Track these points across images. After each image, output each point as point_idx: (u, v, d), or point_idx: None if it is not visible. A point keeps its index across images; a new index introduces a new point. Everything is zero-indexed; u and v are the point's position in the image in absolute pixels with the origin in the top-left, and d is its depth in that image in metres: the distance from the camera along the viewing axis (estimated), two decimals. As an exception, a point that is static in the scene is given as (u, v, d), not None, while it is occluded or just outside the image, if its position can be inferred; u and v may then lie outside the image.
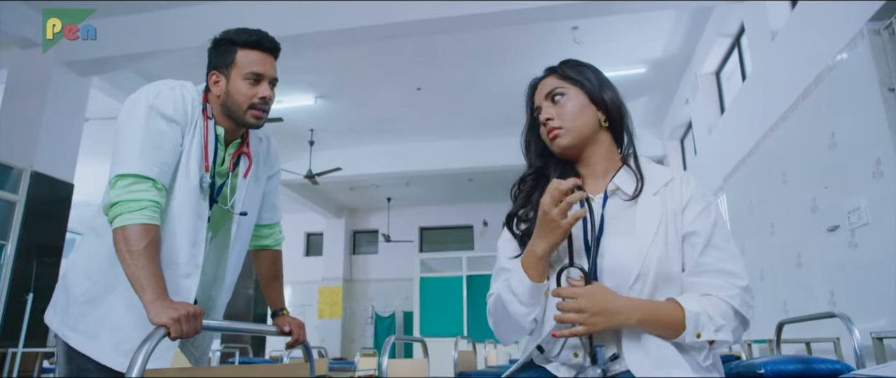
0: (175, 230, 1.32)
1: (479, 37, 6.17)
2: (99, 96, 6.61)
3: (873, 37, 3.07)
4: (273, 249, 1.66)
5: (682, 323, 0.99)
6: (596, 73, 1.21)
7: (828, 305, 3.57)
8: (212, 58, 1.45)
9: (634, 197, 1.12)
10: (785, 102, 4.18)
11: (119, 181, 1.24)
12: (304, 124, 8.46)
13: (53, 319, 1.37)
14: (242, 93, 1.40)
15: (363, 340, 12.21)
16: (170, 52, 5.71)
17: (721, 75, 6.42)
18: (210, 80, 1.43)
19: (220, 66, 1.43)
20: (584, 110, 1.17)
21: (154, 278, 1.17)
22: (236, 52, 1.41)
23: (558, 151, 1.18)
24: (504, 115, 7.79)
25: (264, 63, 1.42)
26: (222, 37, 1.44)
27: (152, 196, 1.24)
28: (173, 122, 1.33)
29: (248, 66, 1.40)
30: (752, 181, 5.03)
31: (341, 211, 12.91)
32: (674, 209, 1.10)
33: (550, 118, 1.16)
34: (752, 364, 2.12)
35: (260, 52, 1.42)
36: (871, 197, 3.10)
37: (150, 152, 1.27)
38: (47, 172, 5.36)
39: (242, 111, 1.41)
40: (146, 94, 1.34)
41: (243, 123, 1.44)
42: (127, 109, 1.33)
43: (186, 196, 1.34)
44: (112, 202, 1.22)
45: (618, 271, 1.06)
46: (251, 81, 1.41)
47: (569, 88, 1.18)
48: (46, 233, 5.28)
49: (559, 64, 1.24)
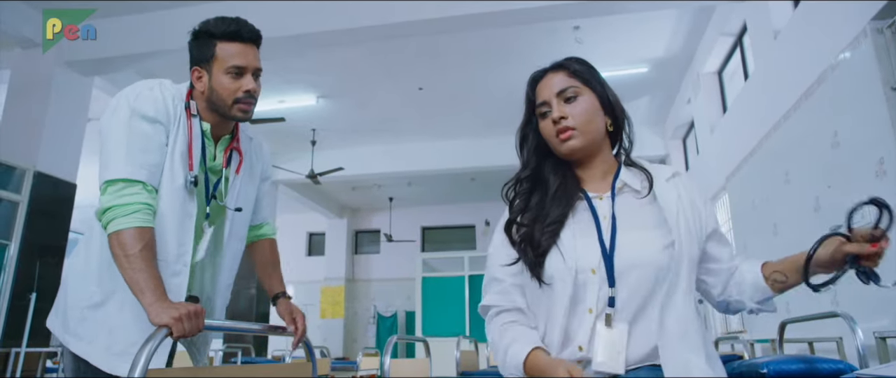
0: (162, 230, 1.31)
1: (480, 36, 6.17)
2: (101, 96, 6.62)
3: (876, 36, 3.06)
4: (268, 237, 1.65)
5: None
6: (600, 77, 1.20)
7: (830, 305, 3.56)
8: (192, 53, 1.41)
9: (649, 192, 1.13)
10: (787, 102, 4.17)
11: (109, 187, 1.23)
12: (306, 124, 8.46)
13: (55, 324, 1.37)
14: (226, 87, 1.36)
15: (365, 340, 12.22)
16: (171, 52, 5.71)
17: (723, 74, 6.41)
18: (193, 77, 1.40)
19: (200, 61, 1.39)
20: (596, 114, 1.15)
21: (152, 280, 1.17)
22: (216, 45, 1.36)
23: (566, 152, 1.15)
24: (506, 114, 7.76)
25: (246, 54, 1.37)
26: (200, 29, 1.39)
27: (143, 199, 1.24)
28: (156, 123, 1.31)
29: (229, 60, 1.36)
30: (754, 181, 5.02)
31: (343, 211, 12.92)
32: (690, 201, 1.12)
33: (564, 117, 1.13)
34: (754, 364, 2.12)
35: (240, 43, 1.37)
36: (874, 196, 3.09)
37: (136, 155, 1.26)
38: (50, 172, 5.38)
39: (228, 106, 1.38)
40: (126, 97, 1.32)
41: (230, 117, 1.40)
42: (108, 114, 1.32)
43: (172, 195, 1.33)
44: (104, 207, 1.22)
45: (644, 265, 1.05)
46: (233, 75, 1.36)
47: (582, 89, 1.15)
48: (49, 233, 5.29)
49: (569, 60, 1.20)
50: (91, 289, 1.32)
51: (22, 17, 5.28)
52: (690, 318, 1.04)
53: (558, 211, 1.13)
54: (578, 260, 1.07)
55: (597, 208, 1.12)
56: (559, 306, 1.07)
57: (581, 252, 1.08)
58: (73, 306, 1.33)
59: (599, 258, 1.07)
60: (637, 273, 1.05)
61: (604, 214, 1.11)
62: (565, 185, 1.16)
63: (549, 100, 1.15)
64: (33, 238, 5.10)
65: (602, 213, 1.12)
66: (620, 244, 1.07)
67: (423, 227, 13.09)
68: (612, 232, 1.08)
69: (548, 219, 1.13)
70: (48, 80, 5.49)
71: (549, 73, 1.19)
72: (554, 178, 1.17)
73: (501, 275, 1.17)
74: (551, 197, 1.15)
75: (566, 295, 1.06)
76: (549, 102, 1.15)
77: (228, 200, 1.46)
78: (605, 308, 1.05)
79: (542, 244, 1.10)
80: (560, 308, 1.07)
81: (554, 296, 1.09)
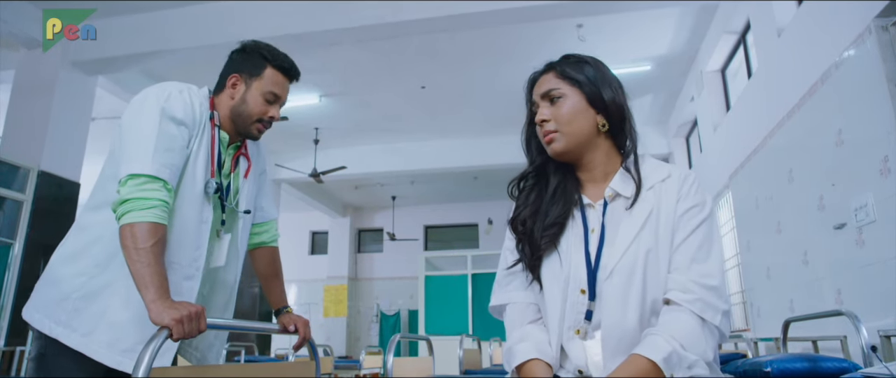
0: (180, 233, 1.34)
1: (483, 35, 6.16)
2: (105, 96, 6.65)
3: (881, 33, 3.04)
4: (269, 246, 1.66)
5: (659, 372, 0.94)
6: (598, 70, 1.15)
7: (835, 303, 3.55)
8: (236, 62, 1.48)
9: (635, 199, 1.09)
10: (791, 99, 4.16)
11: (130, 180, 1.24)
12: (309, 123, 8.47)
13: (34, 316, 1.35)
14: (257, 106, 1.46)
15: (368, 339, 12.24)
16: (175, 51, 5.72)
17: (726, 72, 6.39)
18: (228, 82, 1.47)
19: (243, 71, 1.46)
20: (580, 114, 1.11)
21: (158, 277, 1.17)
22: (266, 67, 1.46)
23: (552, 154, 1.13)
24: (508, 113, 7.78)
25: (285, 88, 1.50)
26: (254, 46, 1.49)
27: (162, 196, 1.25)
28: (183, 126, 1.35)
29: (271, 86, 1.46)
30: (758, 179, 5.01)
31: (346, 209, 12.93)
32: (667, 205, 1.07)
33: (546, 120, 1.12)
34: (758, 362, 2.12)
35: (286, 78, 1.50)
36: (878, 194, 3.08)
37: (162, 154, 1.28)
38: (54, 172, 5.39)
39: (250, 122, 1.46)
40: (156, 95, 1.35)
41: (246, 134, 1.49)
42: (136, 109, 1.34)
43: (192, 200, 1.36)
44: (122, 199, 1.23)
45: (622, 274, 1.04)
46: (269, 99, 1.47)
47: (566, 89, 1.12)
48: (53, 232, 5.30)
49: (559, 60, 1.18)
50: (85, 280, 1.32)
51: (26, 17, 5.29)
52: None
53: (557, 211, 1.12)
54: (571, 272, 1.08)
55: (588, 220, 1.11)
56: (553, 322, 1.08)
57: (573, 265, 1.08)
58: (64, 297, 1.32)
59: (585, 275, 1.06)
60: (615, 281, 1.03)
61: (593, 227, 1.10)
62: (565, 185, 1.15)
63: (537, 101, 1.15)
64: (37, 237, 5.11)
65: (592, 224, 1.11)
66: (605, 256, 1.06)
67: (426, 226, 13.09)
68: (599, 245, 1.07)
69: (547, 218, 1.12)
70: (52, 80, 5.50)
71: (541, 75, 1.18)
72: (554, 178, 1.16)
73: (509, 276, 1.19)
74: (550, 195, 1.15)
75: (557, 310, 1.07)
76: (537, 104, 1.15)
77: (240, 206, 1.51)
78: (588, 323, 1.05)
79: (541, 247, 1.11)
80: (554, 322, 1.08)
81: (548, 310, 1.10)
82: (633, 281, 1.03)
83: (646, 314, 1.03)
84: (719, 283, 1.03)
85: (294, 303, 11.68)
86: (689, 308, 0.99)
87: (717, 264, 1.05)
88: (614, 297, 1.03)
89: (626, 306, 1.02)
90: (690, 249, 1.04)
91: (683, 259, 1.04)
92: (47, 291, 1.36)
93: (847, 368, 2.00)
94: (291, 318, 1.50)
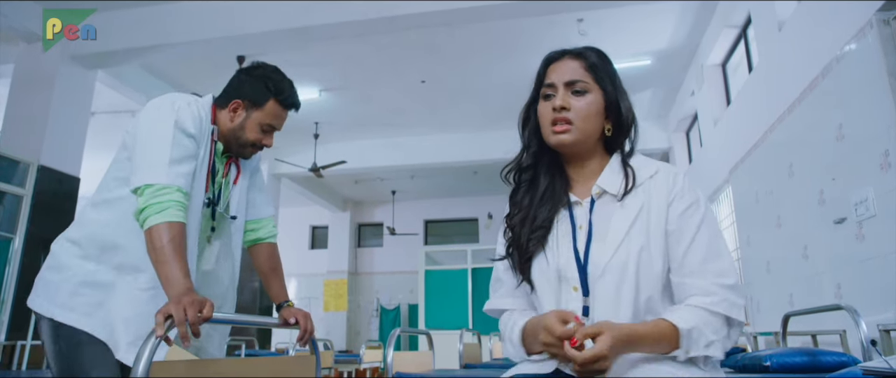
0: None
1: (483, 29, 6.15)
2: (104, 90, 6.63)
3: (882, 27, 3.03)
4: (267, 242, 1.68)
5: (676, 342, 0.98)
6: (614, 78, 1.14)
7: (834, 298, 3.56)
8: (242, 85, 1.51)
9: (623, 196, 1.08)
10: (792, 94, 4.15)
11: (147, 189, 1.30)
12: (309, 117, 8.46)
13: (35, 301, 1.40)
14: (253, 134, 1.51)
15: (368, 333, 12.26)
16: (175, 45, 5.71)
17: (727, 67, 6.38)
18: (230, 107, 1.50)
19: (246, 98, 1.50)
20: (597, 116, 1.11)
21: (174, 272, 1.21)
22: (269, 99, 1.50)
23: (555, 143, 1.11)
24: (508, 107, 7.74)
25: (283, 119, 1.54)
26: (261, 75, 1.51)
27: (177, 198, 1.31)
28: (193, 138, 1.40)
29: (270, 118, 1.51)
30: (758, 173, 5.00)
31: (346, 204, 12.94)
32: (658, 203, 1.07)
33: (566, 108, 1.09)
34: (758, 356, 2.12)
35: (286, 110, 1.53)
36: (878, 189, 3.08)
37: (176, 165, 1.34)
38: (54, 166, 5.39)
39: (244, 147, 1.53)
40: (169, 108, 1.40)
41: (238, 153, 1.55)
42: (150, 120, 1.38)
43: (194, 209, 1.41)
44: (141, 208, 1.28)
45: (614, 271, 1.04)
46: (265, 130, 1.52)
47: (593, 86, 1.11)
48: (53, 227, 5.26)
49: (589, 50, 1.15)
50: (88, 267, 1.37)
51: (26, 12, 5.28)
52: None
53: (544, 214, 1.12)
54: (561, 270, 1.08)
55: (576, 217, 1.11)
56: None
57: (563, 263, 1.08)
58: (65, 281, 1.37)
59: (576, 271, 1.06)
60: (608, 279, 1.03)
61: (581, 224, 1.10)
62: (553, 186, 1.15)
63: (556, 84, 1.11)
64: (37, 232, 5.12)
65: (579, 222, 1.10)
66: (594, 252, 1.06)
67: (426, 221, 13.09)
68: (588, 241, 1.07)
69: (534, 222, 1.13)
70: (52, 75, 5.49)
71: (565, 58, 1.14)
72: (544, 179, 1.16)
73: (504, 277, 1.19)
74: (539, 198, 1.15)
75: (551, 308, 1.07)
76: (556, 87, 1.11)
77: (230, 211, 1.56)
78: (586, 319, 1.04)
79: (529, 250, 1.11)
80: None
81: (542, 310, 1.10)
82: (626, 279, 1.03)
83: (640, 312, 1.03)
84: (736, 280, 1.03)
85: (294, 297, 11.69)
86: (715, 310, 1.00)
87: (729, 260, 1.05)
88: (607, 295, 1.03)
89: (619, 305, 1.03)
90: (700, 249, 1.04)
91: (695, 260, 1.03)
92: (50, 276, 1.41)
93: (846, 363, 2.01)
94: (292, 312, 1.51)
